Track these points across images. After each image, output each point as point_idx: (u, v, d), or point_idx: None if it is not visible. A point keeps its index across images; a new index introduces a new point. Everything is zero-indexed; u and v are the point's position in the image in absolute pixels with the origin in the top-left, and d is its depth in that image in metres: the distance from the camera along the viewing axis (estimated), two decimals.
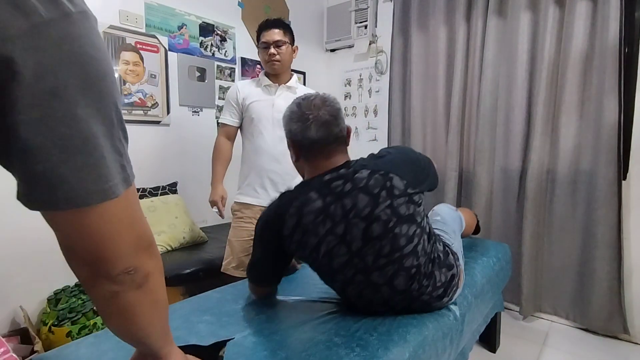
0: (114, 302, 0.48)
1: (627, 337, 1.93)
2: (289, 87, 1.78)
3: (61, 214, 0.41)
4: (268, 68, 1.74)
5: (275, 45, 1.68)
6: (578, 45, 1.95)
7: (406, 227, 1.00)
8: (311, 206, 0.98)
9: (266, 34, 1.70)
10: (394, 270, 1.00)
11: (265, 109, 1.73)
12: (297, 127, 1.02)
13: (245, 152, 1.79)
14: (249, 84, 1.80)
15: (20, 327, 1.66)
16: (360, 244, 0.98)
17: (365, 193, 0.97)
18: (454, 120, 2.39)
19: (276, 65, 1.70)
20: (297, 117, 1.03)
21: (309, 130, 1.01)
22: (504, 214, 2.26)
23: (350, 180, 0.99)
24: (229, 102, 1.78)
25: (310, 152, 1.04)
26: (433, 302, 1.09)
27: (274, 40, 1.67)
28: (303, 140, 1.02)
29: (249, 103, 1.73)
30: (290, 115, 1.05)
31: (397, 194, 0.99)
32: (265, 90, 1.76)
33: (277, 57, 1.68)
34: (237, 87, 1.77)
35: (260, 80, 1.78)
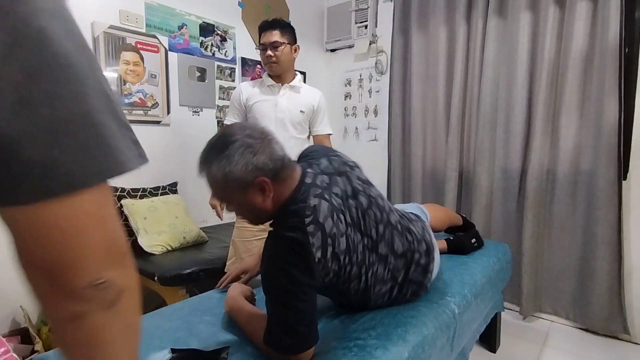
0: (76, 326, 0.36)
1: (627, 337, 1.93)
2: (292, 87, 1.78)
3: (25, 208, 0.31)
4: (267, 69, 1.75)
5: (272, 46, 1.68)
6: (578, 46, 1.94)
7: (374, 189, 1.09)
8: (322, 213, 0.88)
9: (264, 35, 1.70)
10: (390, 233, 1.04)
11: (268, 109, 1.73)
12: (263, 157, 0.86)
13: None
14: (252, 84, 1.80)
15: (20, 327, 1.66)
16: (362, 221, 0.99)
17: (339, 175, 1.02)
18: (454, 120, 2.40)
19: (274, 67, 1.71)
20: (257, 149, 0.85)
21: (275, 151, 0.89)
22: (504, 214, 2.26)
23: (327, 174, 1.00)
24: (232, 104, 1.80)
25: (280, 173, 0.89)
26: (423, 260, 1.13)
27: (270, 41, 1.68)
28: (275, 165, 0.88)
29: (252, 103, 1.74)
30: (244, 153, 0.84)
31: (352, 165, 1.09)
32: (268, 90, 1.76)
33: (273, 59, 1.69)
34: (241, 89, 1.79)
35: (263, 81, 1.79)
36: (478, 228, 2.26)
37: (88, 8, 1.83)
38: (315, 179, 0.95)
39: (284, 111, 1.74)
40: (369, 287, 1.02)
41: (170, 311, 1.14)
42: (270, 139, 0.89)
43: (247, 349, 0.91)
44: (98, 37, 1.86)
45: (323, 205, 0.89)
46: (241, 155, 0.83)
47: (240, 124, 0.92)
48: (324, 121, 1.90)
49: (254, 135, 0.86)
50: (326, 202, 0.90)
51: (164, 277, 1.63)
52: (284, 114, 1.74)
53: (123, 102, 1.98)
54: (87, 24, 1.83)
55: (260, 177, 0.85)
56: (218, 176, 0.84)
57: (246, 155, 0.83)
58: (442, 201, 2.49)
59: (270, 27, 1.69)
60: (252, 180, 0.85)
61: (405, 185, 2.76)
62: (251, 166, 0.84)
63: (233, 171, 0.83)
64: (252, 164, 0.84)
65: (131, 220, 1.88)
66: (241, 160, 0.83)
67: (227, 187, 0.86)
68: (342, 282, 0.96)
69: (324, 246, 0.85)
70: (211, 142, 0.89)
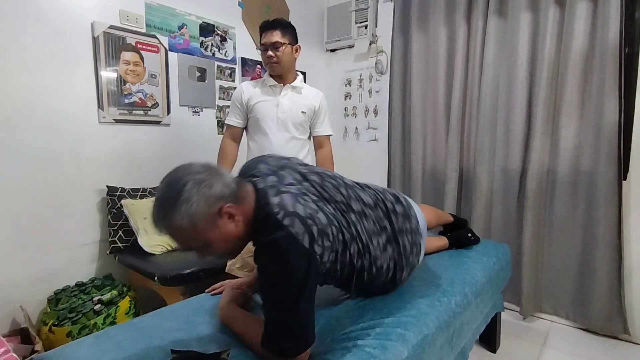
0: None
1: (627, 337, 1.93)
2: (294, 87, 1.78)
3: None
4: (268, 69, 1.75)
5: (273, 47, 1.67)
6: (578, 46, 1.94)
7: (317, 167, 1.15)
8: (288, 203, 0.88)
9: (265, 35, 1.70)
10: (353, 191, 1.09)
11: (270, 109, 1.73)
12: (219, 186, 0.84)
13: (251, 152, 1.80)
14: (253, 84, 1.80)
15: (20, 327, 1.66)
16: (325, 192, 1.02)
17: (282, 170, 1.05)
18: (454, 120, 2.39)
19: (275, 67, 1.71)
20: (210, 181, 0.83)
21: (225, 177, 0.87)
22: (504, 214, 2.26)
23: (271, 174, 1.02)
24: (234, 104, 1.79)
25: (238, 194, 0.88)
26: (399, 208, 1.17)
27: (271, 42, 1.67)
28: (232, 189, 0.86)
29: (253, 104, 1.74)
30: (200, 190, 0.81)
31: (288, 157, 1.15)
32: (270, 90, 1.76)
33: (274, 59, 1.68)
34: (242, 89, 1.78)
35: (265, 81, 1.78)
36: (478, 228, 2.28)
37: (88, 8, 1.83)
38: (265, 182, 0.97)
39: (285, 112, 1.74)
40: (366, 245, 1.03)
41: (170, 311, 1.14)
42: (215, 167, 0.88)
43: (248, 351, 0.91)
44: (98, 37, 1.86)
45: (284, 197, 0.90)
46: (198, 193, 0.80)
47: (178, 168, 0.86)
48: (324, 122, 1.90)
49: (200, 171, 0.84)
50: (286, 194, 0.92)
51: (164, 277, 1.63)
52: (286, 114, 1.74)
53: (123, 102, 1.98)
54: (87, 24, 1.83)
55: (225, 205, 0.83)
56: (184, 223, 0.80)
57: (203, 191, 0.81)
58: (442, 201, 2.49)
59: (271, 27, 1.69)
60: (218, 211, 0.83)
61: (405, 185, 2.76)
62: (212, 199, 0.82)
63: (197, 211, 0.80)
64: (212, 197, 0.82)
65: (131, 220, 1.88)
66: (201, 198, 0.80)
67: (196, 230, 0.82)
68: (340, 253, 0.96)
69: (308, 229, 0.85)
70: (159, 197, 0.83)
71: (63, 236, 1.82)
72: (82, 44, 1.82)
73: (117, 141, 1.98)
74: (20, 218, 1.68)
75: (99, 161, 1.92)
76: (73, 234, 1.86)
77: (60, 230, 1.81)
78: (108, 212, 1.91)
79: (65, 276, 1.83)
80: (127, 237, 1.93)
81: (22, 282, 1.70)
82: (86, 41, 1.84)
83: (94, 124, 1.89)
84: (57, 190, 1.78)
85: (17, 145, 1.65)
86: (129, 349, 0.92)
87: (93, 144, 1.89)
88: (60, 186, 1.79)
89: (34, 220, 1.72)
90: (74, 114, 1.82)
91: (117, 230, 1.91)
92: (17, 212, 1.67)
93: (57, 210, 1.79)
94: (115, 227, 1.91)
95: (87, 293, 1.75)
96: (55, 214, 1.78)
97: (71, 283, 1.84)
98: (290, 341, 0.83)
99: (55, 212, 1.78)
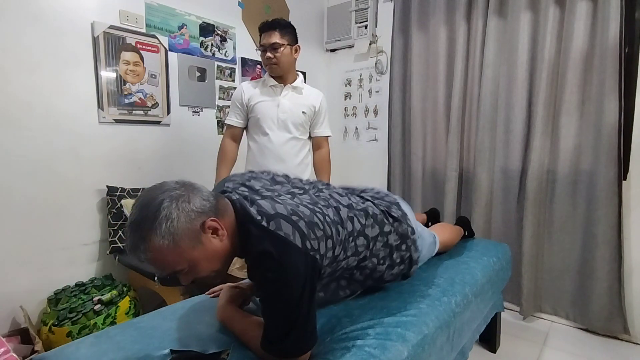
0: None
1: (628, 337, 1.93)
2: (295, 87, 1.78)
3: None
4: (267, 70, 1.75)
5: (272, 48, 1.67)
6: (578, 46, 1.94)
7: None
8: (266, 207, 0.86)
9: (264, 36, 1.69)
10: (318, 184, 1.14)
11: (271, 109, 1.73)
12: (198, 200, 0.80)
13: (251, 152, 1.80)
14: (254, 84, 1.80)
15: (20, 327, 1.66)
16: (296, 188, 1.05)
17: (249, 181, 1.04)
18: (454, 120, 2.39)
19: (274, 68, 1.71)
20: (187, 196, 0.79)
21: (202, 190, 0.84)
22: (504, 214, 2.26)
23: (239, 185, 1.00)
24: (234, 104, 1.79)
25: (218, 207, 0.85)
26: (370, 194, 1.22)
27: (270, 43, 1.67)
28: (211, 202, 0.83)
29: (254, 104, 1.74)
30: (179, 205, 0.77)
31: (252, 172, 1.15)
32: (270, 90, 1.76)
33: (273, 60, 1.68)
34: (242, 89, 1.78)
35: (265, 81, 1.78)
36: (478, 228, 2.28)
37: (88, 8, 1.83)
38: (237, 194, 0.93)
39: (286, 112, 1.75)
40: (356, 219, 1.00)
41: (170, 311, 1.14)
42: (190, 182, 0.84)
43: (247, 351, 0.91)
44: (98, 37, 1.86)
45: (261, 203, 0.87)
46: (178, 209, 0.75)
47: (151, 188, 0.80)
48: (324, 123, 1.90)
49: (175, 187, 0.79)
50: (261, 200, 0.89)
51: (164, 277, 1.63)
52: (286, 114, 1.74)
53: (123, 102, 1.98)
54: (87, 24, 1.83)
55: (207, 219, 0.79)
56: (164, 243, 0.74)
57: (182, 206, 0.76)
58: (442, 201, 2.49)
59: (270, 28, 1.69)
60: (201, 226, 0.78)
61: (405, 186, 2.76)
62: (193, 213, 0.77)
63: (179, 227, 0.75)
64: (193, 211, 0.77)
65: None
66: (181, 214, 0.75)
67: (180, 249, 0.76)
68: (335, 238, 0.91)
69: (295, 226, 0.82)
70: (134, 219, 0.76)
71: (63, 236, 1.82)
72: (82, 44, 1.82)
73: (117, 141, 1.98)
74: (20, 218, 1.68)
75: (99, 161, 1.92)
76: (73, 234, 1.86)
77: (60, 230, 1.81)
78: (108, 212, 1.91)
79: (65, 276, 1.83)
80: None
81: (22, 282, 1.70)
82: (86, 41, 1.84)
83: (94, 124, 1.89)
84: (57, 190, 1.78)
85: (17, 145, 1.65)
86: (129, 349, 0.92)
87: (93, 144, 1.89)
88: (60, 186, 1.79)
89: (33, 220, 1.72)
90: (74, 114, 1.82)
91: (117, 230, 1.91)
92: (16, 212, 1.67)
93: (57, 210, 1.79)
94: (115, 227, 1.91)
95: (87, 293, 1.75)
96: (55, 214, 1.78)
97: (71, 283, 1.84)
98: (292, 343, 0.80)
99: (55, 212, 1.78)
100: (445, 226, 1.76)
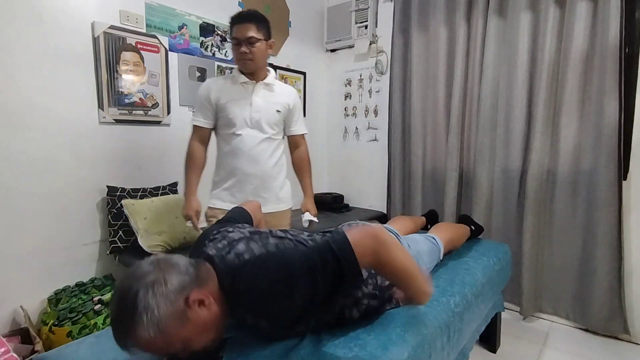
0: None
1: (628, 337, 1.93)
2: (267, 85, 1.65)
3: None
4: (240, 66, 1.59)
5: (248, 42, 1.52)
6: (578, 46, 1.94)
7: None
8: (241, 249, 0.88)
9: (238, 28, 1.53)
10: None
11: (243, 108, 1.59)
12: (175, 277, 0.76)
13: (222, 153, 1.67)
14: (222, 81, 1.64)
15: (20, 327, 1.67)
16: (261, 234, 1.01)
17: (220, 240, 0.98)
18: (454, 120, 2.40)
19: (248, 64, 1.56)
20: (162, 278, 0.74)
21: (178, 263, 0.80)
22: (504, 214, 2.26)
23: (227, 232, 0.98)
24: (201, 102, 1.62)
25: (200, 275, 0.81)
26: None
27: (245, 36, 1.52)
28: (190, 274, 0.79)
29: (224, 102, 1.59)
30: (155, 292, 0.73)
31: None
32: (241, 88, 1.61)
33: (249, 56, 1.53)
34: (210, 86, 1.62)
35: (235, 77, 1.63)
36: None
37: (88, 8, 1.83)
38: (215, 248, 0.91)
39: (259, 111, 1.62)
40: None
41: None
42: (162, 258, 0.79)
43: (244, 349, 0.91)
44: (98, 37, 1.86)
45: (237, 248, 0.87)
46: (155, 296, 0.71)
47: (125, 277, 0.76)
48: (299, 120, 1.79)
49: (148, 271, 0.75)
50: (237, 245, 0.89)
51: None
52: (260, 113, 1.62)
53: (123, 102, 1.98)
54: (87, 24, 1.83)
55: (190, 294, 0.75)
56: (150, 334, 0.70)
57: (159, 291, 0.72)
58: (442, 201, 2.49)
59: (246, 20, 1.54)
60: (185, 303, 0.74)
61: (405, 186, 2.76)
62: (173, 295, 0.73)
63: (162, 315, 0.71)
64: (172, 292, 0.73)
65: (131, 220, 1.88)
66: (159, 300, 0.71)
67: (169, 334, 0.72)
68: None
69: (266, 248, 0.86)
70: (114, 317, 0.74)
71: (63, 236, 1.82)
72: (82, 44, 1.82)
73: (117, 141, 1.98)
74: (20, 218, 1.68)
75: (99, 161, 1.92)
76: (73, 234, 1.86)
77: (60, 230, 1.81)
78: (108, 212, 1.91)
79: (65, 276, 1.83)
80: (127, 237, 1.93)
81: (22, 282, 1.70)
82: (86, 41, 1.84)
83: (94, 124, 1.89)
84: (57, 190, 1.78)
85: (18, 145, 1.65)
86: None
87: (93, 144, 1.89)
88: (60, 186, 1.79)
89: (34, 220, 1.72)
90: (74, 114, 1.82)
91: (117, 230, 1.91)
92: (17, 212, 1.67)
93: (57, 210, 1.79)
94: (115, 227, 1.91)
95: (87, 293, 1.75)
96: (56, 214, 1.78)
97: (71, 283, 1.84)
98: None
99: (55, 212, 1.78)
100: (445, 225, 1.76)
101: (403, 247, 0.90)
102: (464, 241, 1.70)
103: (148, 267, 0.76)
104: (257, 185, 1.64)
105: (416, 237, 1.46)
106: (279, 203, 1.72)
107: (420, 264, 1.32)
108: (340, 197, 3.06)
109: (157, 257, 0.79)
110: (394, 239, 0.86)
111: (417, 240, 1.43)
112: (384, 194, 2.92)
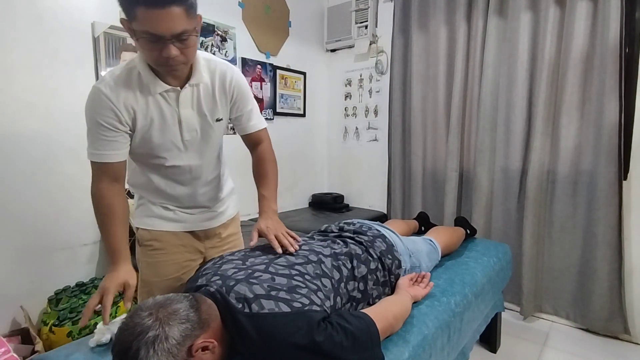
0: None
1: (628, 337, 1.93)
2: (192, 85, 1.07)
3: None
4: (165, 72, 1.00)
5: (178, 39, 0.90)
6: (578, 46, 1.94)
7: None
8: (243, 289, 0.86)
9: (157, 18, 0.85)
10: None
11: (169, 130, 1.08)
12: (175, 329, 0.73)
13: (150, 184, 1.17)
14: (124, 88, 1.00)
15: (21, 327, 1.67)
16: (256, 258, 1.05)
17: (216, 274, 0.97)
18: (455, 120, 2.39)
19: (179, 69, 0.99)
20: (162, 332, 0.71)
21: (178, 309, 0.76)
22: (505, 214, 2.26)
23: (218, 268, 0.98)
24: (103, 128, 1.00)
25: (202, 318, 0.78)
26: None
27: (173, 32, 0.88)
28: (192, 320, 0.76)
29: (141, 126, 1.04)
30: (157, 349, 0.70)
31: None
32: (161, 100, 1.04)
33: (181, 59, 0.94)
34: (111, 102, 0.99)
35: (146, 84, 1.01)
36: (478, 228, 2.28)
37: (88, 8, 1.83)
38: (215, 285, 0.89)
39: (192, 129, 1.11)
40: (342, 266, 1.07)
41: None
42: (160, 305, 0.76)
43: None
44: (98, 37, 1.86)
45: (238, 289, 0.85)
46: (157, 353, 0.69)
47: (124, 333, 0.72)
48: (253, 111, 1.24)
49: (148, 326, 0.71)
50: (236, 285, 0.86)
51: None
52: (194, 133, 1.12)
53: None
54: (87, 24, 1.83)
55: (194, 343, 0.73)
56: None
57: (160, 347, 0.69)
58: (443, 201, 2.49)
59: (167, 2, 0.85)
60: (188, 353, 0.72)
61: (405, 186, 2.76)
62: (175, 348, 0.70)
63: None
64: (174, 346, 0.70)
65: (131, 220, 1.88)
66: (162, 356, 0.69)
67: None
68: (323, 289, 0.94)
69: (275, 300, 0.83)
70: None
71: (63, 236, 1.82)
72: (82, 44, 1.82)
73: None
74: (20, 218, 1.68)
75: None
76: (73, 234, 1.86)
77: (61, 230, 1.81)
78: None
79: (65, 276, 1.83)
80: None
81: (22, 282, 1.70)
82: (87, 41, 1.84)
83: None
84: (57, 190, 1.78)
85: (18, 145, 1.65)
86: None
87: None
88: (61, 186, 1.79)
89: (34, 220, 1.72)
90: (74, 114, 1.82)
91: None
92: (17, 211, 1.67)
93: (57, 210, 1.79)
94: None
95: (88, 293, 1.75)
96: (56, 214, 1.78)
97: (71, 283, 1.84)
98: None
99: (55, 212, 1.78)
100: (441, 229, 1.76)
101: (385, 314, 0.96)
102: (460, 244, 1.71)
103: (146, 319, 0.72)
104: (204, 209, 1.27)
105: (415, 239, 1.48)
106: (227, 211, 1.34)
107: (420, 262, 1.33)
108: (340, 197, 3.06)
109: (155, 304, 0.75)
110: (385, 321, 0.94)
111: (416, 241, 1.44)
112: (384, 194, 2.92)
